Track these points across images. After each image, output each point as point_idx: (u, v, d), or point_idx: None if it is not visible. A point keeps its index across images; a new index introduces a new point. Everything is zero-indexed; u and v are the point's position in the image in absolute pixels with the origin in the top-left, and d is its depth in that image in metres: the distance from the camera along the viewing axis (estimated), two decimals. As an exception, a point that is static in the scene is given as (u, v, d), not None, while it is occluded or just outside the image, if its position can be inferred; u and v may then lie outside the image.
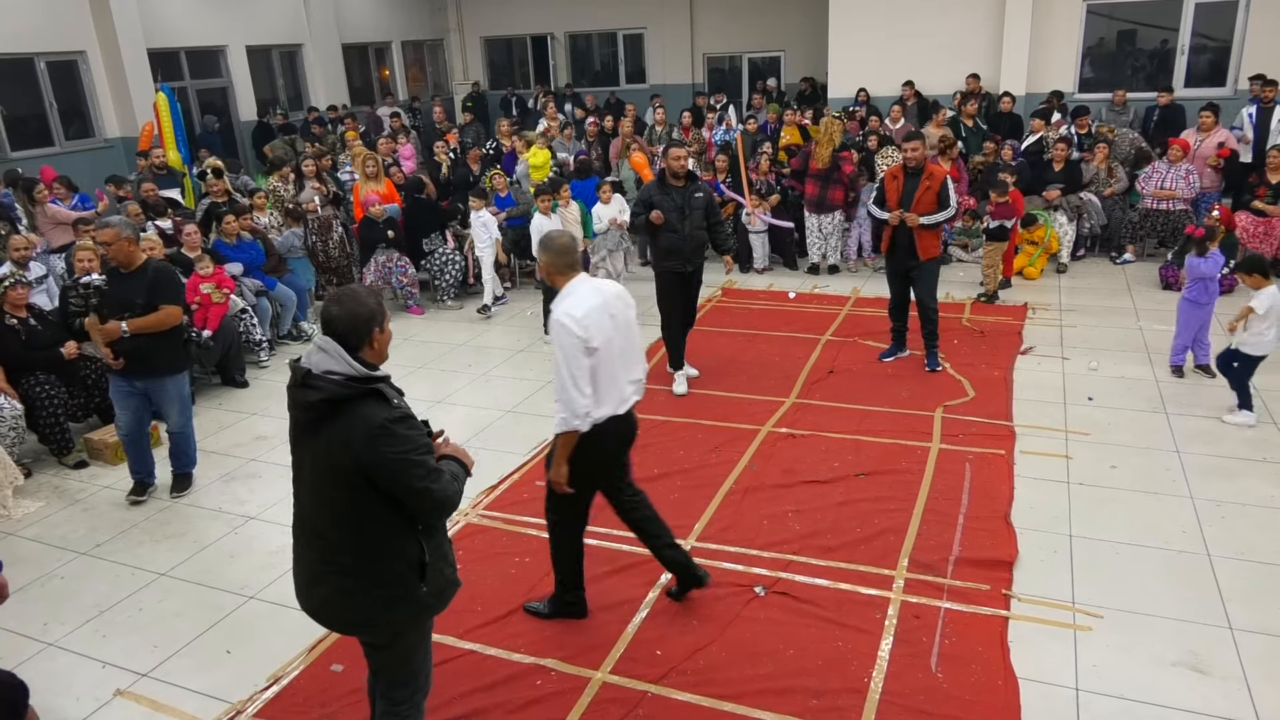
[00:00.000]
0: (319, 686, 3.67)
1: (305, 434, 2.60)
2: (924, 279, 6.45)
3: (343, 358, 2.53)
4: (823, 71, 14.17)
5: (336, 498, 2.57)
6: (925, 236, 6.33)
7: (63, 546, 4.86)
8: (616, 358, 3.63)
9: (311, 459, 2.60)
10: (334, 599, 2.68)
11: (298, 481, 2.69)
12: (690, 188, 6.17)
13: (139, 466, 5.36)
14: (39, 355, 5.83)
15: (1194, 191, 8.86)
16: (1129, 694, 3.44)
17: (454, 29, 19.63)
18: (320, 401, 2.49)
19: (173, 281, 5.14)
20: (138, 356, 4.99)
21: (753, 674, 3.63)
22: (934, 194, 6.23)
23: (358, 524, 2.59)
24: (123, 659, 3.91)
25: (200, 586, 4.42)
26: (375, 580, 2.65)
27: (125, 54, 12.23)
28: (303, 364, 2.56)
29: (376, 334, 2.64)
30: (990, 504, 4.81)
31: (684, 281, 6.33)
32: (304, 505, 2.68)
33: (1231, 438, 5.43)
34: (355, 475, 2.51)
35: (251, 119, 14.60)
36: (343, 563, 2.63)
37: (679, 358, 6.52)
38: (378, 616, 2.70)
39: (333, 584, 2.66)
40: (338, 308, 2.58)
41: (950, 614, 3.93)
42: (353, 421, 2.48)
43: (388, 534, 2.63)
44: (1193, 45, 12.31)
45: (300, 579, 2.75)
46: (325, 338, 2.58)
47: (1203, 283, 6.13)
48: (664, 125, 11.91)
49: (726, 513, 4.85)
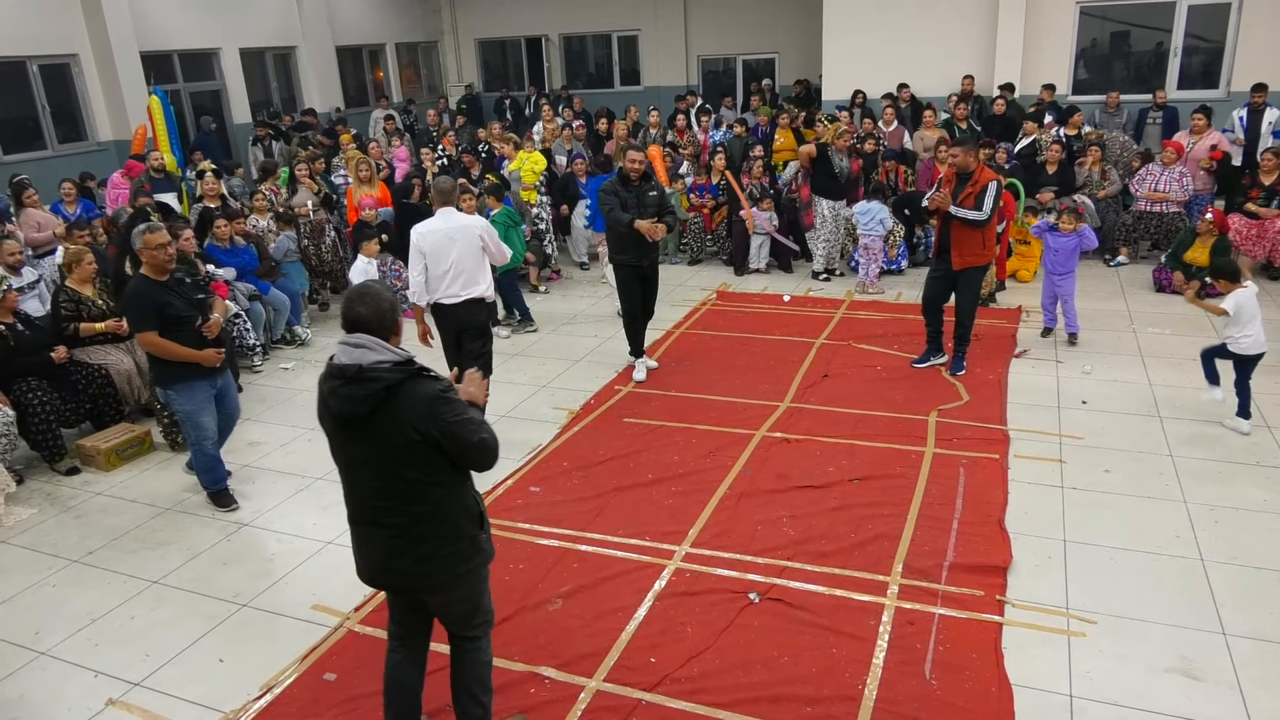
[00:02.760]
0: (311, 696, 3.66)
1: (359, 427, 2.76)
2: (965, 288, 6.51)
3: (384, 347, 2.76)
4: (818, 73, 14.17)
5: (407, 473, 2.78)
6: (963, 245, 6.31)
7: (54, 554, 4.84)
8: (447, 265, 5.49)
9: (373, 447, 2.78)
10: (415, 567, 2.89)
11: (353, 473, 2.88)
12: (644, 186, 6.52)
13: (223, 471, 5.27)
14: (29, 361, 5.80)
15: (1187, 194, 8.88)
16: (1123, 700, 3.44)
17: (448, 31, 19.62)
18: (381, 390, 2.69)
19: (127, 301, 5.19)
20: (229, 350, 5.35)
21: (747, 681, 3.62)
22: (974, 199, 6.21)
23: (427, 491, 2.82)
24: (115, 668, 3.89)
25: (193, 594, 4.40)
26: (449, 539, 2.89)
27: (118, 57, 12.21)
28: (343, 363, 2.72)
29: (399, 323, 2.90)
30: (984, 509, 4.81)
31: (641, 275, 6.65)
32: (367, 492, 2.87)
33: (1225, 442, 5.44)
34: (422, 446, 2.74)
35: (246, 121, 14.56)
36: (419, 532, 2.85)
37: (639, 347, 6.91)
38: (458, 569, 2.92)
39: (412, 554, 2.87)
40: (364, 306, 2.80)
41: (944, 620, 3.93)
42: (411, 401, 2.72)
43: (451, 495, 2.88)
44: (1185, 47, 12.34)
45: (372, 560, 2.96)
46: (358, 335, 2.77)
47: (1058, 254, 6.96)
48: (658, 128, 11.92)
49: (721, 518, 4.84)
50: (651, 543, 4.61)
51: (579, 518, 4.91)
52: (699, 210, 10.15)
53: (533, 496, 5.18)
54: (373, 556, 2.95)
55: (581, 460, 5.53)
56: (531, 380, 6.90)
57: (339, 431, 2.83)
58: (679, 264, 10.25)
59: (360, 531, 2.96)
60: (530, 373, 7.07)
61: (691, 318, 8.30)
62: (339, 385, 2.73)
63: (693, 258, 10.28)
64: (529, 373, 7.07)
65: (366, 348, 2.74)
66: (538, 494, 5.18)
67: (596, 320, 8.32)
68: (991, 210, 6.18)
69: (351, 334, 2.79)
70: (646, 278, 6.72)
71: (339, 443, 2.87)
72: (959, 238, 6.30)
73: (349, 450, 2.86)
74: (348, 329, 2.82)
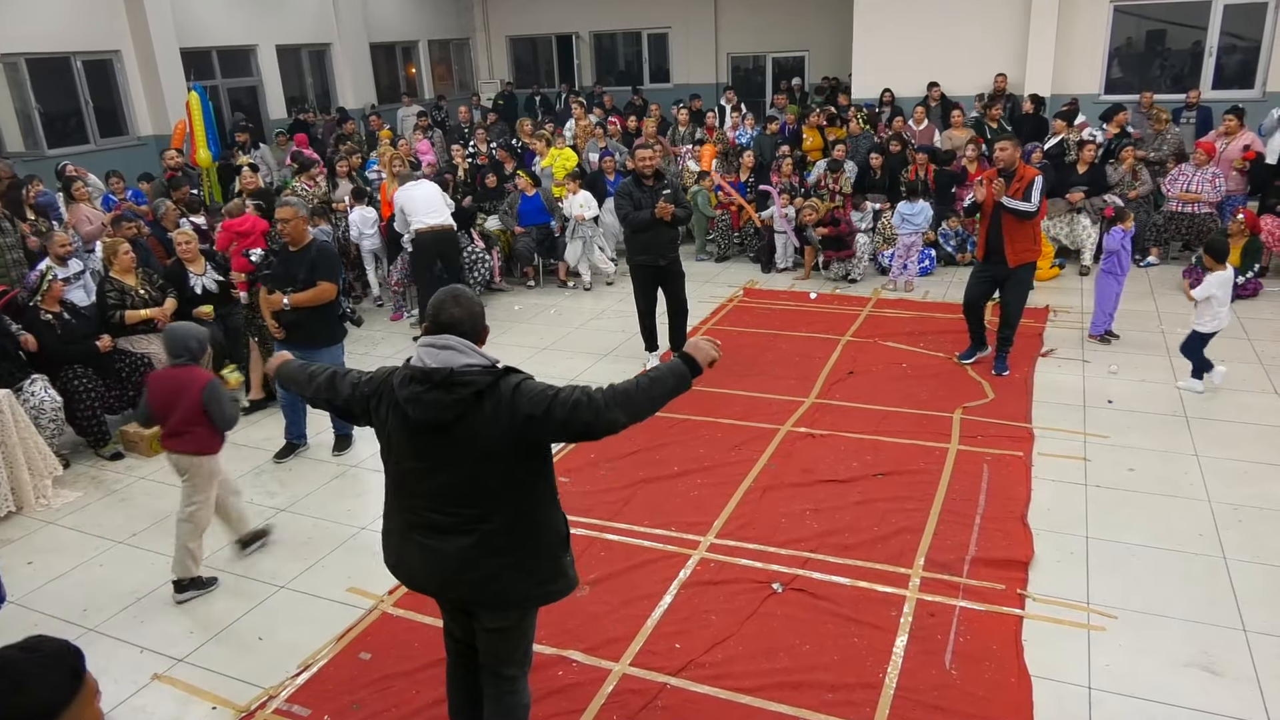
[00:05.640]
0: (348, 674, 3.79)
1: (441, 433, 2.61)
2: (1015, 286, 6.43)
3: (473, 350, 2.63)
4: (847, 72, 14.17)
5: (489, 481, 2.65)
6: (1017, 240, 6.25)
7: (100, 535, 5.01)
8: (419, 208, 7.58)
9: (453, 452, 2.63)
10: (490, 582, 2.72)
11: (422, 480, 2.70)
12: (658, 185, 6.59)
13: (295, 430, 5.85)
14: (74, 349, 5.99)
15: (1220, 194, 8.82)
16: (1141, 693, 3.49)
17: (480, 28, 19.79)
18: (471, 395, 2.57)
19: (332, 260, 5.59)
20: (298, 328, 5.43)
21: (769, 668, 3.70)
22: (1020, 194, 6.15)
23: (513, 500, 2.68)
24: (159, 644, 4.04)
25: (233, 575, 4.56)
26: (530, 555, 2.74)
27: (158, 53, 12.45)
28: (429, 367, 2.58)
29: (487, 328, 2.80)
30: (1007, 505, 4.85)
31: (660, 274, 6.73)
32: (440, 499, 2.69)
33: (1252, 443, 5.44)
34: (512, 447, 2.61)
35: (281, 116, 14.80)
36: (498, 543, 2.69)
37: (653, 341, 7.07)
38: (533, 590, 2.78)
39: (489, 567, 2.71)
40: (458, 308, 2.67)
41: (965, 612, 3.99)
42: (497, 400, 2.59)
43: (538, 508, 2.75)
44: (1221, 46, 12.21)
45: (438, 572, 2.76)
46: (447, 336, 2.63)
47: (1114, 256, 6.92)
48: (687, 126, 11.98)
49: (746, 510, 4.92)
50: (677, 533, 4.70)
51: (607, 508, 5.01)
52: (727, 208, 10.22)
53: (562, 487, 5.23)
54: (442, 566, 2.74)
55: (609, 452, 5.62)
56: (560, 374, 7.00)
57: (412, 438, 2.67)
58: (706, 261, 10.33)
59: (426, 540, 2.74)
60: (560, 366, 7.18)
61: (718, 314, 8.38)
62: (423, 391, 2.58)
63: (720, 255, 10.35)
64: (559, 366, 7.18)
65: (455, 349, 2.60)
66: (567, 484, 5.28)
67: (622, 316, 8.42)
68: (1038, 202, 6.18)
69: (437, 335, 2.64)
70: (667, 277, 6.77)
71: (408, 449, 2.69)
72: (1012, 234, 6.23)
73: (422, 456, 2.67)
74: (436, 330, 2.66)
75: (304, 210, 5.53)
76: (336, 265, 5.66)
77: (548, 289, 9.64)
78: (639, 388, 2.70)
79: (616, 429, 2.65)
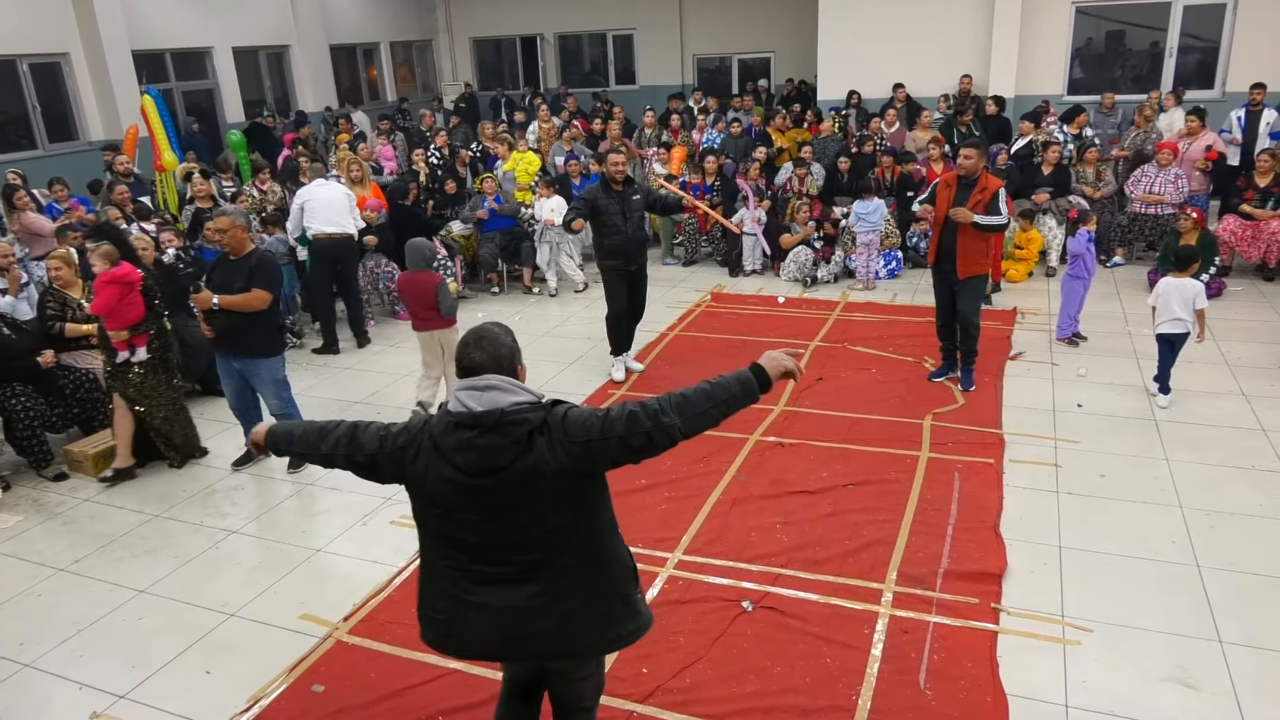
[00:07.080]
0: (300, 708, 3.61)
1: (495, 478, 2.41)
2: (967, 294, 6.19)
3: (519, 387, 2.49)
4: (813, 73, 14.14)
5: (550, 518, 2.47)
6: (968, 251, 6.02)
7: (40, 562, 4.78)
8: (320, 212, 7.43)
9: (513, 498, 2.44)
10: (560, 631, 2.55)
11: (476, 530, 2.49)
12: (628, 191, 6.50)
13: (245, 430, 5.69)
14: (14, 365, 5.74)
15: (1182, 195, 8.85)
16: (1119, 710, 3.41)
17: (443, 29, 19.56)
18: (525, 435, 2.41)
19: (272, 269, 5.47)
20: (231, 334, 5.34)
21: (740, 692, 3.58)
22: (984, 206, 5.93)
23: (578, 537, 2.52)
24: (100, 680, 3.84)
25: (180, 604, 4.35)
26: (599, 597, 2.59)
27: (109, 56, 12.14)
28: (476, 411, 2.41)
29: (523, 367, 2.64)
30: (979, 514, 4.77)
31: (629, 278, 6.68)
32: (500, 551, 2.50)
33: (1221, 446, 5.42)
34: (571, 481, 2.46)
35: (239, 121, 14.49)
36: (562, 587, 2.52)
37: (619, 345, 6.92)
38: (608, 634, 2.64)
39: (556, 614, 2.54)
40: (479, 353, 2.50)
41: (939, 628, 3.90)
42: (549, 434, 2.43)
43: (602, 541, 2.60)
44: (1181, 47, 12.32)
45: (503, 629, 2.56)
46: (487, 376, 2.45)
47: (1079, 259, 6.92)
48: (653, 128, 11.88)
49: (714, 524, 4.80)
50: (644, 550, 4.55)
51: (571, 524, 4.86)
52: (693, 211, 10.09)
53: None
54: (507, 621, 2.53)
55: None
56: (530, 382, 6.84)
57: (463, 489, 2.43)
58: (673, 265, 10.21)
59: (487, 597, 2.52)
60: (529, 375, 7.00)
61: (685, 320, 8.26)
62: (473, 436, 2.40)
63: (688, 259, 10.24)
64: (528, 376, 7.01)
65: (499, 389, 2.42)
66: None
67: (590, 323, 8.27)
68: (1006, 213, 6.03)
69: (476, 376, 2.46)
70: (635, 281, 6.72)
71: (458, 501, 2.46)
72: (965, 246, 6.01)
73: (476, 506, 2.45)
74: (476, 369, 2.48)
75: (241, 220, 5.36)
76: (276, 275, 5.50)
77: (512, 295, 9.47)
78: (698, 390, 2.54)
79: (675, 437, 2.49)
